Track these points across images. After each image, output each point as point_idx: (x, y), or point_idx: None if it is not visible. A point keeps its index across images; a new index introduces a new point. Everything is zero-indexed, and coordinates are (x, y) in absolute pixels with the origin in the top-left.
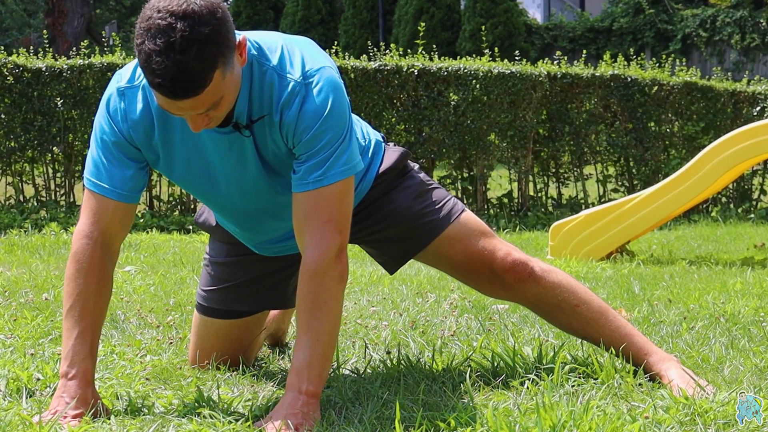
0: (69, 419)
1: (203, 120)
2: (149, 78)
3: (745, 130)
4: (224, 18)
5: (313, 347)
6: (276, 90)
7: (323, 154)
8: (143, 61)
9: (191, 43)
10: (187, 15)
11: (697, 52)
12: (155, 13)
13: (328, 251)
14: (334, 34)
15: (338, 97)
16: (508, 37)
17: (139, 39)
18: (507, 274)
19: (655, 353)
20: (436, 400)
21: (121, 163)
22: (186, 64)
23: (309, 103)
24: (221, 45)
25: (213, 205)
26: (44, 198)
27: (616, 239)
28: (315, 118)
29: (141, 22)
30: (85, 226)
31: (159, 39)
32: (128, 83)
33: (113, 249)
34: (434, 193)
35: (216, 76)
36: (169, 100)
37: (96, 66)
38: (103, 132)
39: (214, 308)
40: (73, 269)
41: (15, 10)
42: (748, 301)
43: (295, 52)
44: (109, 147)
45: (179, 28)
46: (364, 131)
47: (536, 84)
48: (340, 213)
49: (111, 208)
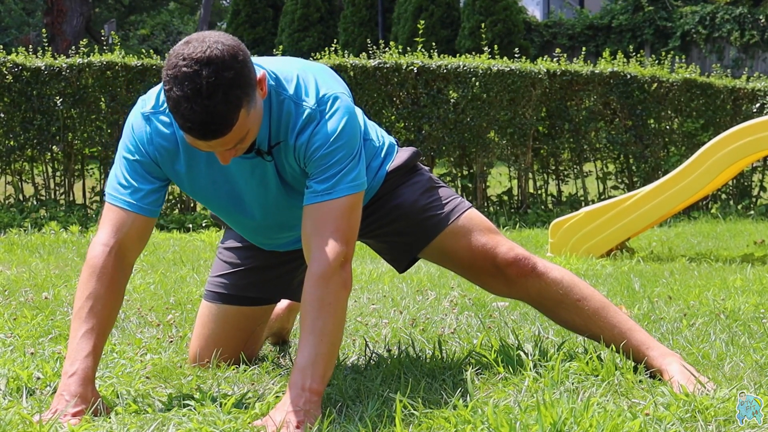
0: (69, 418)
1: (231, 153)
2: (179, 122)
3: (744, 127)
4: (245, 59)
5: (318, 346)
6: (293, 117)
7: (333, 170)
8: (173, 107)
9: (217, 88)
10: (212, 61)
11: (696, 49)
12: (180, 60)
13: (334, 259)
14: (334, 32)
15: (350, 120)
16: (508, 35)
17: (167, 86)
18: (510, 269)
19: (657, 348)
20: (436, 398)
21: (143, 180)
22: (213, 108)
23: (321, 126)
24: (245, 86)
25: (233, 222)
26: (44, 197)
27: (616, 236)
28: (326, 139)
29: (167, 69)
30: (103, 235)
31: (186, 86)
32: (153, 109)
33: (128, 260)
34: (441, 191)
35: (241, 114)
36: (197, 140)
37: (95, 65)
38: (128, 152)
39: (225, 293)
40: (87, 274)
41: (14, 9)
42: (748, 297)
43: (309, 80)
44: (133, 165)
45: (205, 75)
46: (379, 134)
47: (536, 81)
48: (347, 225)
49: (130, 221)
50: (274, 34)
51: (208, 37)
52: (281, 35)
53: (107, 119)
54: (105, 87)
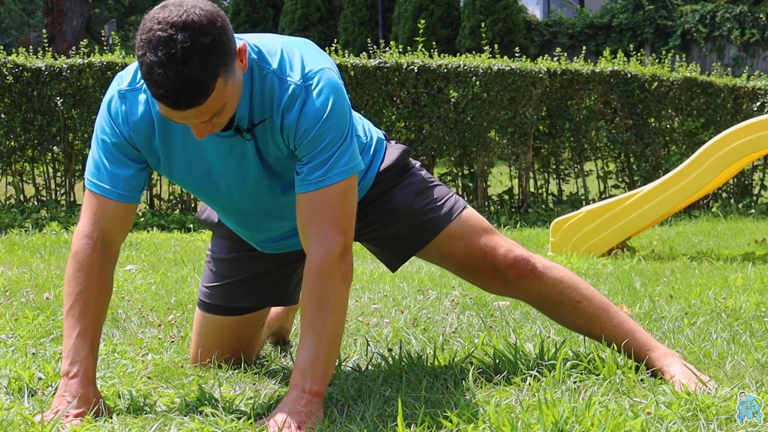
0: (71, 418)
1: (206, 127)
2: (152, 89)
3: (745, 126)
4: (224, 26)
5: (318, 346)
6: (276, 93)
7: (325, 154)
8: (146, 73)
9: (193, 53)
10: (188, 26)
11: (696, 48)
12: (155, 24)
13: (332, 251)
14: (334, 32)
15: (339, 98)
16: (508, 34)
17: (141, 51)
18: (509, 271)
19: (657, 348)
20: (438, 397)
21: (121, 164)
22: (188, 74)
23: (309, 105)
24: (222, 54)
25: (214, 205)
26: (45, 197)
27: (617, 235)
28: (316, 119)
29: (141, 34)
30: (85, 226)
31: (160, 51)
32: (129, 86)
33: (113, 249)
34: (436, 191)
35: (218, 84)
36: (172, 110)
37: (95, 65)
38: (104, 133)
39: (215, 305)
40: (73, 269)
41: (14, 10)
42: (749, 296)
43: (294, 54)
44: (109, 148)
45: (180, 39)
46: (366, 129)
47: (536, 80)
48: (343, 212)
49: (111, 209)
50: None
51: (186, 1)
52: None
53: None
54: (105, 87)
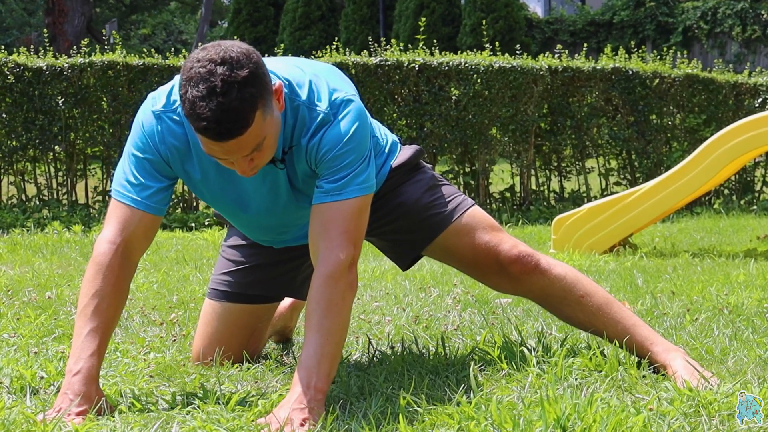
0: (73, 417)
1: (249, 163)
2: (194, 123)
3: (746, 122)
4: (259, 62)
5: (324, 345)
6: (307, 122)
7: (344, 172)
8: (188, 109)
9: (231, 85)
10: (225, 60)
11: (698, 45)
12: (195, 63)
13: (342, 261)
14: (335, 30)
15: (362, 123)
16: (509, 32)
17: (183, 89)
18: (513, 266)
19: (660, 343)
20: (440, 395)
21: (153, 178)
22: (228, 105)
23: (334, 127)
24: (259, 86)
25: (237, 223)
26: (46, 197)
27: (619, 232)
28: (338, 140)
29: (183, 73)
30: (109, 233)
31: (201, 85)
32: (164, 108)
33: (133, 258)
34: (444, 188)
35: (257, 116)
36: (215, 143)
37: (97, 64)
38: (138, 149)
39: (229, 291)
40: (93, 271)
41: (15, 10)
42: (751, 292)
43: (321, 84)
44: (143, 163)
45: (219, 73)
46: (383, 133)
47: (537, 78)
48: (355, 227)
49: (137, 218)
50: (276, 32)
51: (223, 42)
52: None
53: (109, 119)
54: (107, 87)
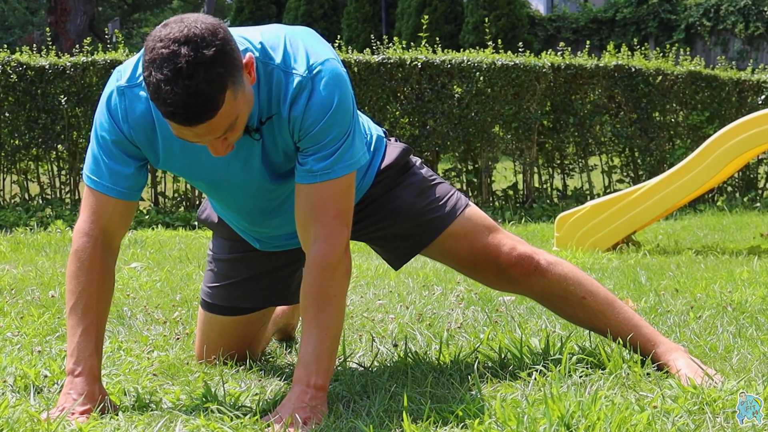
0: (77, 416)
1: (222, 144)
2: (161, 108)
3: (750, 119)
4: (226, 38)
5: (322, 341)
6: (283, 87)
7: (331, 147)
8: (153, 93)
9: (197, 66)
10: (190, 39)
11: (701, 42)
12: (158, 43)
13: (338, 246)
14: (337, 28)
15: (344, 90)
16: (512, 29)
17: (146, 71)
18: (512, 269)
19: (663, 344)
20: (443, 393)
21: (121, 161)
22: (195, 88)
23: (316, 96)
24: (228, 65)
25: (216, 201)
26: (49, 196)
27: (622, 230)
28: (322, 112)
29: (146, 54)
30: (85, 224)
31: (165, 68)
32: (128, 82)
33: (114, 246)
34: (437, 189)
35: (227, 96)
36: (184, 128)
37: (99, 63)
38: (102, 129)
39: (217, 305)
40: (75, 267)
41: (17, 8)
42: (755, 289)
43: (298, 45)
44: (108, 145)
45: (183, 54)
46: (366, 126)
47: (540, 75)
48: (346, 207)
49: (111, 206)
50: None
51: (186, 17)
52: None
53: None
54: None
